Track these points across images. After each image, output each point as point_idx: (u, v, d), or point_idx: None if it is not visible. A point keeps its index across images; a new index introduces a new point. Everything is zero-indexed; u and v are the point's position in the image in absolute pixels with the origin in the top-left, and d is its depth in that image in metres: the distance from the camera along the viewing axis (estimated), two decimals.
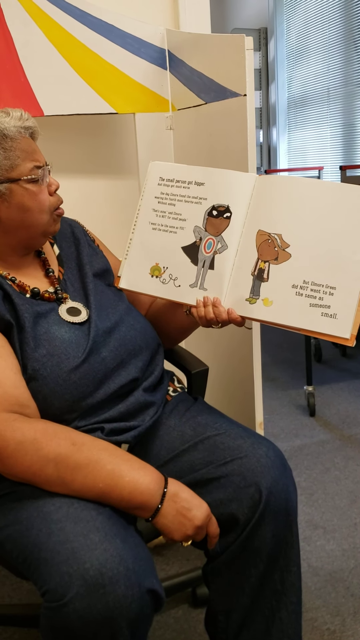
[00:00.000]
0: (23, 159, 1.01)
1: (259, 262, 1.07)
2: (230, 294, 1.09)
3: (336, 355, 3.22)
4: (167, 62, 1.59)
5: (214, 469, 1.05)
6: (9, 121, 1.01)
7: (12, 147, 1.00)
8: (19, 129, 1.01)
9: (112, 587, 0.79)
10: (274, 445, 1.08)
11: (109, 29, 1.53)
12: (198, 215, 1.12)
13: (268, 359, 3.18)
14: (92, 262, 1.18)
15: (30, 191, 1.01)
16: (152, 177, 1.18)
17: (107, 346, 1.06)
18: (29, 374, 0.98)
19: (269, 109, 4.64)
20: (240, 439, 1.07)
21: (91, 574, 0.79)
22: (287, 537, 1.04)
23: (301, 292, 1.03)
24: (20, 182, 1.01)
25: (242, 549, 1.02)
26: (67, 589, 0.79)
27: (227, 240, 1.10)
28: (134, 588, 0.81)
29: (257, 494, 1.00)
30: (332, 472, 2.03)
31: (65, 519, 0.87)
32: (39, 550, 0.85)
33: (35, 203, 1.02)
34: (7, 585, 1.56)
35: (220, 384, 1.61)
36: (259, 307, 1.06)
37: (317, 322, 1.02)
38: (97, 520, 0.87)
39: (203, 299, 1.10)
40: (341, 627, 1.37)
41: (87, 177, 1.70)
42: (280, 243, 1.06)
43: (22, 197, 1.01)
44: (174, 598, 1.48)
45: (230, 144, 1.41)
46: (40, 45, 1.48)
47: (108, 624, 0.80)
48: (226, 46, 1.35)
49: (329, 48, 3.83)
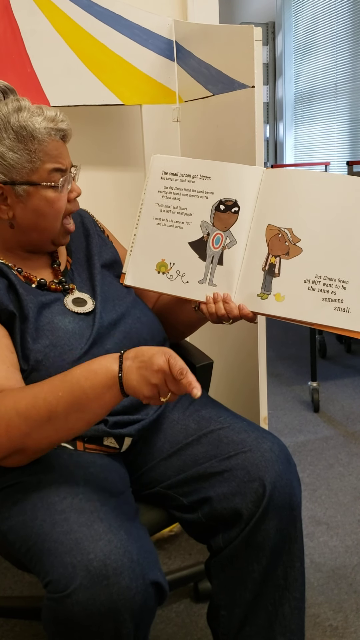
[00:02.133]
0: (45, 162, 0.98)
1: (270, 257, 1.06)
2: (241, 289, 1.08)
3: (341, 351, 3.21)
4: (174, 53, 1.58)
5: (218, 463, 1.04)
6: (40, 121, 0.97)
7: (37, 150, 0.97)
8: (50, 131, 0.98)
9: (116, 579, 0.79)
10: (279, 440, 1.07)
11: (117, 20, 1.52)
12: (205, 210, 1.11)
13: (272, 355, 3.17)
14: (101, 253, 1.16)
15: (48, 197, 1.00)
16: (155, 171, 1.16)
17: (112, 338, 1.05)
18: (31, 365, 0.97)
19: (276, 104, 4.62)
20: (245, 433, 1.06)
21: (95, 565, 0.79)
22: (290, 532, 1.03)
23: (314, 287, 1.03)
24: (39, 187, 0.99)
25: (246, 544, 1.01)
26: (70, 579, 0.79)
27: (235, 235, 1.09)
28: (138, 580, 0.80)
29: (261, 489, 0.99)
30: (335, 468, 2.03)
31: (70, 509, 0.86)
32: (43, 541, 0.85)
33: (51, 210, 1.01)
34: (9, 577, 1.56)
35: (225, 378, 1.60)
36: (271, 303, 1.05)
37: (331, 316, 1.01)
38: (101, 511, 0.86)
39: (213, 295, 1.09)
40: (344, 623, 1.37)
41: (93, 168, 1.69)
42: (291, 237, 1.05)
43: (38, 202, 1.00)
44: (175, 592, 1.48)
45: (237, 136, 1.39)
46: (47, 35, 1.47)
47: (111, 616, 0.79)
48: (235, 37, 1.33)
49: (337, 43, 3.80)
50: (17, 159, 0.97)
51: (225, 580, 1.05)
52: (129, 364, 0.86)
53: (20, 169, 0.97)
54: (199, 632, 1.36)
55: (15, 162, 0.97)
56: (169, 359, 0.84)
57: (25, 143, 0.97)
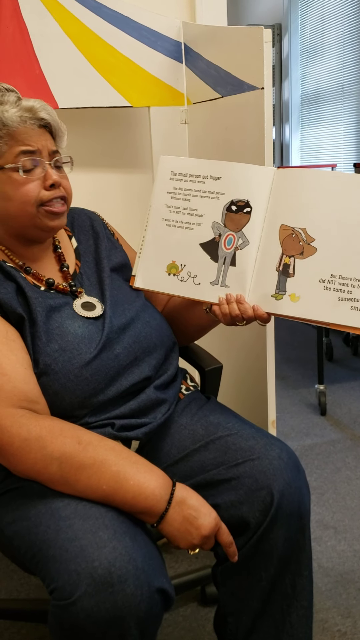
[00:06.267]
0: (11, 146, 0.98)
1: (284, 257, 1.05)
2: (254, 290, 1.07)
3: (347, 354, 3.20)
4: (182, 55, 1.58)
5: (225, 470, 1.02)
6: (15, 112, 0.98)
7: (4, 135, 0.98)
8: (26, 119, 0.99)
9: (121, 586, 0.78)
10: (287, 447, 1.05)
11: (125, 22, 1.52)
12: (216, 211, 1.09)
13: (279, 357, 3.16)
14: (110, 256, 1.15)
15: (13, 180, 0.98)
16: (163, 172, 1.14)
17: (121, 343, 1.04)
18: (41, 369, 0.97)
19: (282, 106, 4.61)
20: (253, 439, 1.05)
21: (100, 572, 0.78)
22: (299, 540, 1.02)
23: (329, 286, 1.02)
24: (5, 170, 0.98)
25: (253, 553, 1.00)
26: (75, 587, 0.78)
27: (248, 236, 1.08)
28: (143, 587, 0.80)
29: (269, 497, 0.98)
30: (343, 472, 2.01)
31: (74, 515, 0.86)
32: (47, 548, 0.84)
33: (17, 193, 0.99)
34: (15, 580, 1.56)
35: (233, 380, 1.59)
36: (286, 303, 1.04)
37: (347, 315, 1.01)
38: (106, 517, 0.86)
39: (226, 296, 1.08)
40: (352, 628, 1.36)
41: (101, 170, 1.69)
42: (305, 237, 1.04)
43: (4, 185, 0.99)
44: (182, 596, 1.47)
45: (246, 138, 1.39)
46: (56, 37, 1.47)
47: (117, 623, 0.78)
48: (244, 39, 1.33)
49: (344, 44, 3.80)
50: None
51: (232, 588, 1.04)
52: (176, 511, 0.89)
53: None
54: (206, 636, 1.35)
55: None
56: (219, 526, 0.91)
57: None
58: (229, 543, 0.93)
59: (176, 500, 0.89)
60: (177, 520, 0.89)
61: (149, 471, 0.90)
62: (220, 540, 0.93)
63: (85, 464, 0.88)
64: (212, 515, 0.91)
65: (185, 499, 0.90)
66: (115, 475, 0.88)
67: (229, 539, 0.93)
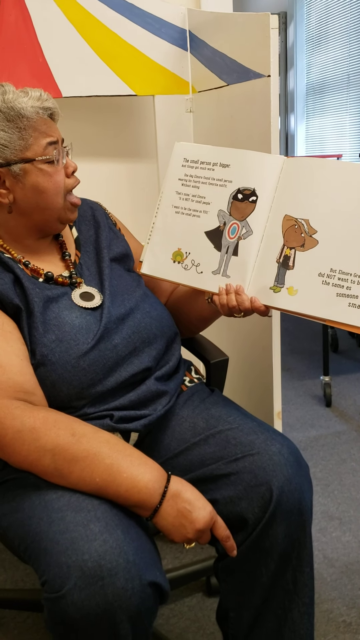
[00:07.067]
0: (37, 138, 0.98)
1: (285, 248, 1.02)
2: (254, 281, 1.04)
3: (353, 345, 3.18)
4: (187, 42, 1.56)
5: (224, 465, 1.01)
6: (26, 101, 0.98)
7: (26, 126, 0.97)
8: (37, 109, 0.98)
9: (111, 580, 0.78)
10: (289, 442, 1.03)
11: (129, 8, 1.50)
12: (222, 199, 1.07)
13: (284, 349, 3.15)
14: (111, 246, 1.14)
15: (45, 172, 0.99)
16: (176, 159, 1.12)
17: (120, 333, 1.03)
18: (38, 360, 0.96)
19: (287, 95, 4.58)
20: (253, 434, 1.03)
21: (89, 565, 0.78)
22: (300, 537, 1.00)
23: (328, 281, 0.99)
24: (34, 163, 0.98)
25: (253, 549, 0.99)
26: (65, 580, 0.78)
27: (252, 226, 1.05)
28: (134, 581, 0.79)
29: (268, 493, 0.96)
30: (348, 464, 2.01)
31: (67, 507, 0.85)
32: (39, 540, 0.84)
33: (50, 184, 0.99)
34: (21, 570, 1.56)
35: (238, 372, 1.59)
36: (283, 296, 1.01)
37: (344, 313, 0.97)
38: (99, 509, 0.85)
39: (225, 287, 1.06)
40: (357, 619, 1.36)
41: (105, 159, 1.68)
42: (308, 229, 1.01)
43: (36, 178, 0.99)
44: (188, 586, 1.47)
45: (252, 126, 1.37)
46: (59, 24, 1.45)
47: (107, 617, 0.78)
48: (250, 25, 1.31)
49: (349, 33, 3.75)
50: (9, 138, 0.96)
51: (233, 584, 1.04)
52: (170, 504, 0.88)
53: (12, 147, 0.97)
54: (212, 627, 1.35)
55: (6, 141, 0.96)
56: (214, 520, 0.90)
57: (14, 122, 0.96)
58: (225, 537, 0.92)
59: (170, 494, 0.88)
60: (171, 514, 0.88)
61: (143, 464, 0.89)
62: (217, 534, 0.91)
63: (78, 456, 0.87)
64: (207, 509, 0.89)
65: (180, 492, 0.89)
66: (109, 468, 0.87)
67: (225, 533, 0.92)
